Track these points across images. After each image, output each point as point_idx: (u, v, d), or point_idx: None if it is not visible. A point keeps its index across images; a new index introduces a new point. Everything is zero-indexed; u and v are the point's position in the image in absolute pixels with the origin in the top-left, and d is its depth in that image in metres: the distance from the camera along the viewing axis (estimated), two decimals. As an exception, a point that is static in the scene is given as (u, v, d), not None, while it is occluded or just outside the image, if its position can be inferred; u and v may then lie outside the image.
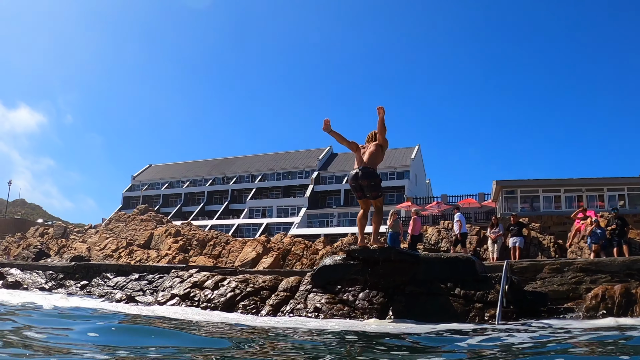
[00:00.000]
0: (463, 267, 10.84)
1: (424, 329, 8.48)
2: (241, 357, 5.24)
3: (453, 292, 10.40)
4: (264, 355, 5.46)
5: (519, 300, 10.71)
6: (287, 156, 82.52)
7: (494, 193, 39.47)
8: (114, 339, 5.96)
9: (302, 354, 5.66)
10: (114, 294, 16.21)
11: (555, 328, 8.79)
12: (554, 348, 6.24)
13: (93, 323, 7.65)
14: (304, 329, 8.16)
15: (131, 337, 6.22)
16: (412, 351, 6.20)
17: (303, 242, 31.85)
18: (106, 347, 5.23)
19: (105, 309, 11.60)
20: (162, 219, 44.74)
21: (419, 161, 73.79)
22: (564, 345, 6.49)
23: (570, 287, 12.42)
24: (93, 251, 37.15)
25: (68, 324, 7.36)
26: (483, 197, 48.52)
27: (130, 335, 6.53)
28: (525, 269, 13.23)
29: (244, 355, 5.40)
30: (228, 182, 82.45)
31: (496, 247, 19.58)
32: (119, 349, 5.12)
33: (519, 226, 19.60)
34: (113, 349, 5.12)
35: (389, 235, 19.22)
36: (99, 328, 7.00)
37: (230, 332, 7.68)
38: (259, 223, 69.31)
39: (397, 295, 10.51)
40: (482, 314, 10.00)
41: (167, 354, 5.18)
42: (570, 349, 6.18)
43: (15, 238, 46.14)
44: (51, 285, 19.20)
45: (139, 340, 5.94)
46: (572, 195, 35.89)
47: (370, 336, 7.49)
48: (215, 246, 34.33)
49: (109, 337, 6.21)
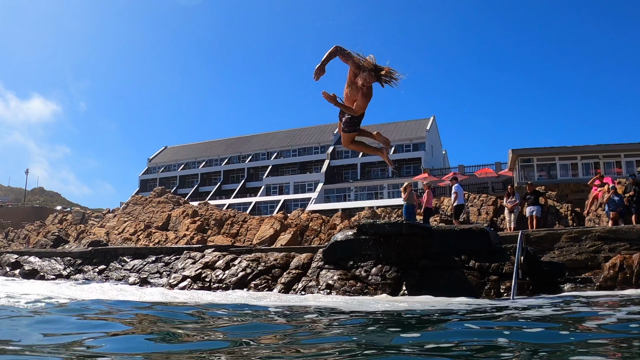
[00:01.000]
0: (477, 238, 10.67)
1: (440, 304, 8.33)
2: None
3: (467, 265, 10.25)
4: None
5: (535, 272, 10.53)
6: (302, 132, 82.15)
7: (510, 162, 39.00)
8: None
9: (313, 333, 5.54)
10: (129, 277, 16.26)
11: (573, 300, 8.62)
12: (573, 319, 6.04)
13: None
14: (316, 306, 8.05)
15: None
16: (428, 327, 6.05)
17: (320, 218, 31.79)
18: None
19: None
20: (179, 200, 44.88)
21: (434, 132, 73.12)
22: (582, 316, 6.30)
23: (589, 256, 12.19)
24: (112, 235, 37.39)
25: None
26: (500, 166, 48.06)
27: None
28: (543, 239, 13.01)
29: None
30: (244, 160, 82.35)
31: (513, 216, 19.31)
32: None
33: (535, 195, 19.31)
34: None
35: (404, 208, 18.98)
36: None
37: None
38: (276, 200, 69.29)
39: (410, 270, 10.38)
40: (498, 286, 9.86)
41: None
42: (587, 323, 5.99)
43: (35, 226, 46.54)
44: (69, 271, 19.29)
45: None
46: (589, 162, 35.32)
47: (386, 313, 7.34)
48: (232, 225, 34.38)
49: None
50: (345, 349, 4.36)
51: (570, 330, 5.43)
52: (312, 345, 4.56)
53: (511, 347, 4.40)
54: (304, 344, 4.67)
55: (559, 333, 5.22)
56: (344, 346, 4.53)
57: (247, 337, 5.10)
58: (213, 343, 4.80)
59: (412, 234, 10.83)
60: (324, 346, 4.50)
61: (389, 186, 63.02)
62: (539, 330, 5.38)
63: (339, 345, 4.54)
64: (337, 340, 5.02)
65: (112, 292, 11.89)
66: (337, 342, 4.87)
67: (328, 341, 4.91)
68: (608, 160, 35.23)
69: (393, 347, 4.50)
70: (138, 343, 4.83)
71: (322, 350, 4.26)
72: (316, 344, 4.64)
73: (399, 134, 71.02)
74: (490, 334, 5.22)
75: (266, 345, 4.64)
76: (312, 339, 5.09)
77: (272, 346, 4.53)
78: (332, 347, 4.41)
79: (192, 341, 4.96)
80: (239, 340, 4.90)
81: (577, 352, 3.99)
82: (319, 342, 4.79)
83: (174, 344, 4.81)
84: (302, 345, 4.57)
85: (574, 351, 4.11)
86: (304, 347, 4.48)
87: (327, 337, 5.28)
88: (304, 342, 4.86)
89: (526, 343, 4.63)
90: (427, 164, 63.17)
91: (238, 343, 4.70)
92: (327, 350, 4.24)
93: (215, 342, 4.85)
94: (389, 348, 4.43)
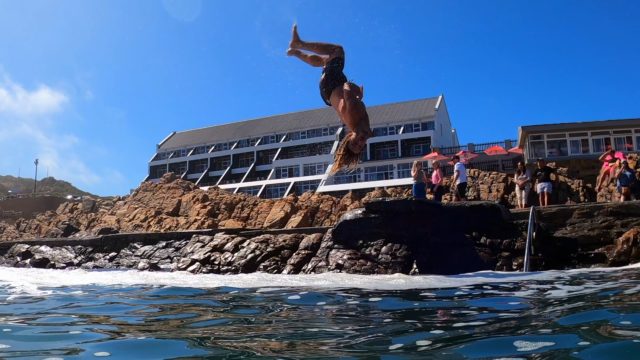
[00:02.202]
0: (488, 215, 10.55)
1: (452, 283, 8.22)
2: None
3: (478, 242, 10.14)
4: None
5: (547, 247, 10.41)
6: (310, 114, 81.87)
7: (520, 139, 38.68)
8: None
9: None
10: (139, 263, 16.27)
11: (587, 275, 8.51)
12: (588, 296, 5.92)
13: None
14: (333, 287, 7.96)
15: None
16: (444, 308, 5.96)
17: (331, 199, 31.73)
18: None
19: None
20: (189, 185, 44.92)
21: (443, 111, 72.67)
22: (595, 291, 6.19)
23: (601, 232, 12.04)
24: (123, 222, 37.51)
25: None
26: (510, 144, 47.69)
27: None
28: (554, 215, 12.85)
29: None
30: (253, 143, 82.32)
31: (524, 193, 19.17)
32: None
33: (546, 171, 19.13)
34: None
35: (414, 187, 18.85)
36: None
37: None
38: (286, 183, 69.33)
39: (421, 248, 10.27)
40: (510, 262, 9.76)
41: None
42: (602, 298, 5.87)
43: (46, 216, 46.80)
44: (80, 259, 19.34)
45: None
46: (600, 138, 34.95)
47: (398, 292, 7.23)
48: (243, 208, 34.38)
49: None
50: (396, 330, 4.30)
51: (599, 301, 5.36)
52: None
53: (546, 319, 4.32)
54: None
55: (588, 304, 5.15)
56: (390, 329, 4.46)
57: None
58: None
59: (422, 212, 10.72)
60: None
61: (399, 166, 62.87)
62: (566, 301, 5.29)
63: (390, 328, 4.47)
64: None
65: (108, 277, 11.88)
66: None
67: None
68: (619, 136, 34.87)
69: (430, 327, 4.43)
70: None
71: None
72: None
73: (408, 113, 70.69)
74: (519, 307, 5.12)
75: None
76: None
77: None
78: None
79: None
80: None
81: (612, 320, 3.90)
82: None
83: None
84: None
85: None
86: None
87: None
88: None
89: (557, 311, 4.56)
90: (437, 143, 62.86)
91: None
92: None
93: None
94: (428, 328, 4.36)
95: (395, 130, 69.97)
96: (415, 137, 67.75)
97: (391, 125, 70.67)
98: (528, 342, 2.87)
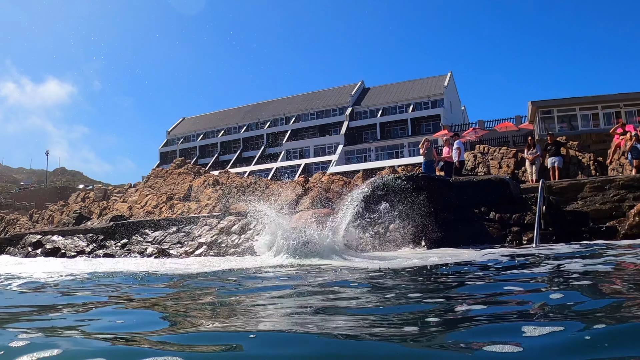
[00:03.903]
0: (497, 189, 10.45)
1: (460, 258, 8.14)
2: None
3: (487, 217, 10.05)
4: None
5: (558, 221, 10.30)
6: (319, 95, 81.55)
7: (530, 114, 38.25)
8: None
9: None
10: (149, 249, 16.33)
11: (602, 247, 8.40)
12: (602, 272, 5.81)
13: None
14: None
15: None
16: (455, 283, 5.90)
17: (342, 179, 31.61)
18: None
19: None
20: (199, 170, 44.89)
21: (452, 88, 72.13)
22: (608, 268, 6.08)
23: (613, 206, 11.91)
24: (134, 209, 37.60)
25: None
26: (520, 119, 47.27)
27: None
28: (565, 189, 12.72)
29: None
30: (262, 126, 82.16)
31: (534, 168, 18.97)
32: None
33: (556, 145, 18.92)
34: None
35: (424, 164, 18.70)
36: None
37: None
38: (297, 164, 69.24)
39: (429, 224, 10.19)
40: (519, 237, 9.67)
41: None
42: (616, 274, 5.76)
43: (58, 206, 46.98)
44: (92, 247, 19.43)
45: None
46: (610, 111, 34.47)
47: (406, 271, 7.16)
48: (254, 191, 34.36)
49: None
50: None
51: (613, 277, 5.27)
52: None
53: (561, 291, 4.25)
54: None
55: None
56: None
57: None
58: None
59: (430, 187, 10.62)
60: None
61: (409, 145, 62.62)
62: (580, 277, 5.20)
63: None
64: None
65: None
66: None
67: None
68: (629, 109, 34.39)
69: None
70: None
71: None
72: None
73: (417, 91, 70.25)
74: (531, 287, 5.04)
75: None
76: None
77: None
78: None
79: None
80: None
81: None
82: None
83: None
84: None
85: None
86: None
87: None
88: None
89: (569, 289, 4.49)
90: (447, 121, 62.50)
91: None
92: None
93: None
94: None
95: (404, 109, 69.63)
96: (425, 115, 67.37)
97: (400, 104, 70.31)
98: (535, 327, 2.75)
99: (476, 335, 2.80)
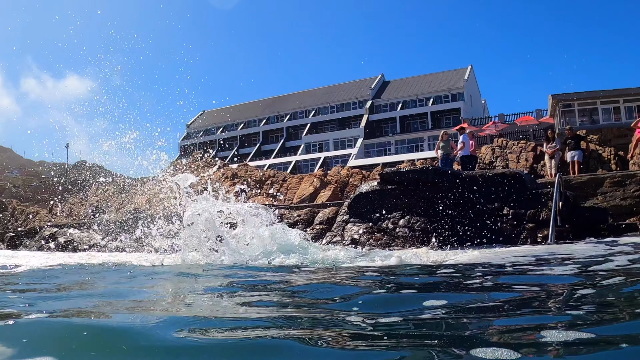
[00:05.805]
0: (511, 184, 10.12)
1: (473, 258, 7.88)
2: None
3: (501, 212, 9.76)
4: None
5: (575, 218, 9.99)
6: (339, 88, 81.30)
7: (551, 108, 37.65)
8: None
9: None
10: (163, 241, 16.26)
11: (623, 244, 8.07)
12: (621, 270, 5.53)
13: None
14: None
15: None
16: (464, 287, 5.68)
17: (360, 173, 31.38)
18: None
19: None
20: (218, 163, 44.98)
21: (472, 82, 71.44)
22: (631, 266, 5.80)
23: (634, 202, 11.59)
24: (153, 202, 37.69)
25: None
26: (541, 113, 46.56)
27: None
28: (585, 184, 12.43)
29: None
30: (282, 119, 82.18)
31: (554, 162, 18.56)
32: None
33: (576, 139, 18.50)
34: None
35: (441, 157, 18.45)
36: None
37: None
38: (316, 158, 69.14)
39: (440, 220, 9.93)
40: (534, 234, 9.39)
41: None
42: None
43: (78, 199, 47.33)
44: (107, 240, 19.46)
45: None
46: (632, 105, 33.76)
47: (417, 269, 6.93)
48: (272, 185, 34.27)
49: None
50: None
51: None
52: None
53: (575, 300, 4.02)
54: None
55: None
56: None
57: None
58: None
59: (441, 181, 10.35)
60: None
61: (429, 138, 62.22)
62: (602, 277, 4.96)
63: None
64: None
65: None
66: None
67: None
68: (652, 103, 33.78)
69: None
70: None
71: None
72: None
73: (437, 85, 69.74)
74: (543, 289, 4.80)
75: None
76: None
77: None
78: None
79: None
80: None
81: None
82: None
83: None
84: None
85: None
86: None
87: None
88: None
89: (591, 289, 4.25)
90: (467, 114, 61.90)
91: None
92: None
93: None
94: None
95: (424, 102, 69.23)
96: (445, 108, 66.94)
97: (420, 97, 69.91)
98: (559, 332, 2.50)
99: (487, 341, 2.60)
